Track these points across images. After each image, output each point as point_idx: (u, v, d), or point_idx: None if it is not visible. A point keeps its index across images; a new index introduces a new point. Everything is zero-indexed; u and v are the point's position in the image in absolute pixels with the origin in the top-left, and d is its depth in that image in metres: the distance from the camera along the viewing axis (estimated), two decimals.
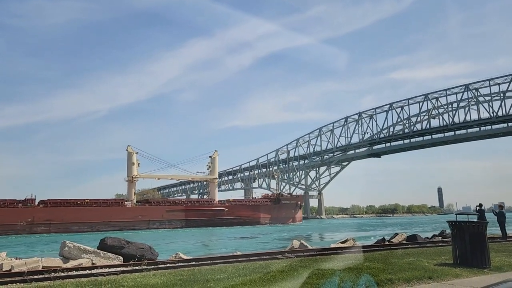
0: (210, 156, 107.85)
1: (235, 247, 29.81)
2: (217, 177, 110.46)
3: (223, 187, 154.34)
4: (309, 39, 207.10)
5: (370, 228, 66.06)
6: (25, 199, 76.82)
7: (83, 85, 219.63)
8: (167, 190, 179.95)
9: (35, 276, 10.58)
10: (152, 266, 12.31)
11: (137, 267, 12.10)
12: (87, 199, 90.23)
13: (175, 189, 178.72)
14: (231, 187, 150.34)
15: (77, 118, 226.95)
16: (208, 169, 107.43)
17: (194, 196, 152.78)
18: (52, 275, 10.61)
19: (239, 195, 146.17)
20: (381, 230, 57.41)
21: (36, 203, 76.72)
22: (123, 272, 11.29)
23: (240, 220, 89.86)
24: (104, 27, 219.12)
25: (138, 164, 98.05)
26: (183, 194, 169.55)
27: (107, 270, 11.57)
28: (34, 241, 51.41)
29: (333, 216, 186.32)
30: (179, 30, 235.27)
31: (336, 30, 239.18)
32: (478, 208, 19.49)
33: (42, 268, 12.06)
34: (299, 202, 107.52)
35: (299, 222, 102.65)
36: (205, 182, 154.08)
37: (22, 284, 9.69)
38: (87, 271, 11.40)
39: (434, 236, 24.74)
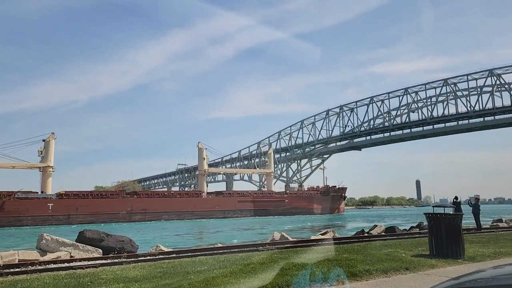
0: (265, 152, 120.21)
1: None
2: (273, 170, 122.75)
3: None
4: (291, 33, 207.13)
5: (370, 220, 66.66)
6: (116, 190, 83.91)
7: (61, 73, 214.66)
8: (147, 182, 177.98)
9: (12, 270, 10.39)
10: (132, 259, 12.24)
11: (116, 260, 12.01)
12: (172, 191, 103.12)
13: (156, 181, 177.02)
14: (212, 179, 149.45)
15: (55, 108, 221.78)
16: (265, 163, 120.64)
17: (175, 188, 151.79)
18: (29, 268, 10.45)
19: (221, 187, 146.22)
20: (382, 221, 56.95)
21: (125, 194, 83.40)
22: (102, 265, 11.18)
23: (297, 210, 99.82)
24: (83, 14, 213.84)
25: (208, 159, 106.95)
26: (164, 186, 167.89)
27: (85, 263, 11.45)
28: (133, 228, 55.24)
29: None
30: (159, 20, 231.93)
31: (317, 23, 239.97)
32: (454, 200, 20.01)
33: (18, 261, 11.85)
34: (343, 194, 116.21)
35: (343, 213, 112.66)
36: (186, 175, 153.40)
37: None
38: (65, 264, 11.26)
39: (411, 228, 25.32)
